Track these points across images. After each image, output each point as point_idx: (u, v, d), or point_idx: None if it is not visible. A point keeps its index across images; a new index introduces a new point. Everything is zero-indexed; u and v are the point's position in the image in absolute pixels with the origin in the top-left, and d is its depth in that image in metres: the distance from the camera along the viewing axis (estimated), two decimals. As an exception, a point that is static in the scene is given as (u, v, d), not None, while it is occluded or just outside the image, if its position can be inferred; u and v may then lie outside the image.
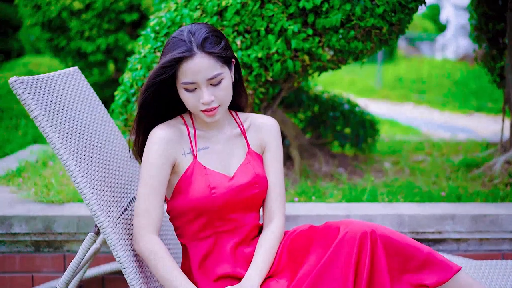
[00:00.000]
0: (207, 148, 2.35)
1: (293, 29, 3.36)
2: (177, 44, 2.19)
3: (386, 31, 3.44)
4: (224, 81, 2.22)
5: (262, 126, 2.45)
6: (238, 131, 2.42)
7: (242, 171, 2.34)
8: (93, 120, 2.71)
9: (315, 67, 3.59)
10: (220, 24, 3.44)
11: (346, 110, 4.71)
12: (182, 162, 2.31)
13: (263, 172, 2.39)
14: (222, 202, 2.27)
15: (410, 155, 4.99)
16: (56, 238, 3.21)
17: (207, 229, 2.32)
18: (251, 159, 2.38)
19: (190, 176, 2.28)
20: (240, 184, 2.30)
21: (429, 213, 3.20)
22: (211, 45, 2.18)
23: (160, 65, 2.19)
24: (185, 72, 2.18)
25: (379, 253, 2.03)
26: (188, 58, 2.16)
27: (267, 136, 2.43)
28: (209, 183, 2.26)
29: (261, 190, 2.35)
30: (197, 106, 2.23)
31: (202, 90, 2.20)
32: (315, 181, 4.10)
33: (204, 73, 2.17)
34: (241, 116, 2.47)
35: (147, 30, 3.71)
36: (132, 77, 3.60)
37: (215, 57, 2.18)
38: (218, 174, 2.30)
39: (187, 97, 2.23)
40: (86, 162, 2.41)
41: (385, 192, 3.73)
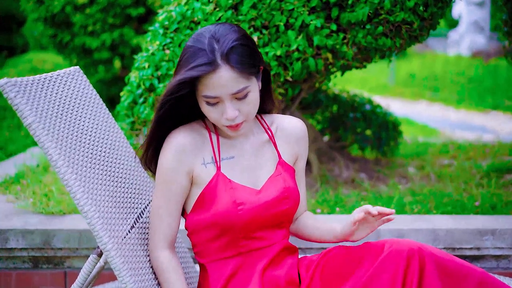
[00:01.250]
0: (232, 158, 2.07)
1: (316, 24, 3.06)
2: (196, 54, 1.89)
3: (417, 27, 3.15)
4: (250, 94, 1.93)
5: (292, 132, 2.15)
6: (266, 137, 2.13)
7: (271, 184, 2.06)
8: (96, 126, 2.43)
9: (338, 66, 3.30)
10: (235, 18, 3.15)
11: (368, 111, 4.41)
12: (201, 172, 2.04)
13: (294, 184, 2.10)
14: (248, 219, 2.00)
15: (435, 159, 4.69)
16: (56, 254, 2.93)
17: (231, 249, 2.06)
18: (282, 170, 2.10)
19: (214, 189, 2.02)
20: (269, 199, 2.03)
21: (466, 227, 2.91)
22: (239, 56, 1.88)
23: (176, 82, 1.90)
24: (206, 86, 1.89)
25: (430, 273, 1.84)
26: (211, 71, 1.87)
27: (299, 145, 2.16)
28: (235, 198, 1.99)
29: (291, 205, 2.07)
30: (220, 120, 1.96)
31: (225, 104, 1.91)
32: (335, 188, 3.81)
33: (229, 87, 1.88)
34: (267, 119, 2.17)
35: (155, 26, 3.43)
36: (139, 77, 3.31)
37: (241, 69, 1.88)
38: (245, 188, 2.03)
39: (209, 110, 1.96)
40: (87, 175, 2.13)
41: (413, 201, 3.44)
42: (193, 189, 2.06)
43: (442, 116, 10.46)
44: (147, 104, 3.28)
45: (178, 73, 1.93)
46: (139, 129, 3.36)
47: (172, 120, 2.06)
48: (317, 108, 4.41)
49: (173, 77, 1.95)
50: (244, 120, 1.95)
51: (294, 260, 2.11)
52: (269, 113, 2.20)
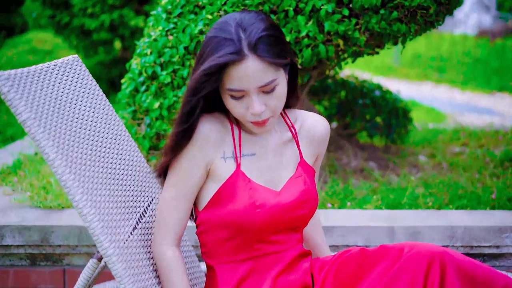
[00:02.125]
0: (253, 155, 1.93)
1: (327, 9, 2.90)
2: (222, 44, 1.73)
3: (433, 12, 2.98)
4: (278, 87, 1.77)
5: (316, 132, 2.01)
6: (289, 136, 1.98)
7: (291, 186, 1.92)
8: (96, 120, 2.29)
9: (350, 53, 3.14)
10: (241, 3, 2.99)
11: (377, 97, 4.25)
12: (220, 167, 1.90)
13: (314, 187, 1.97)
14: (266, 221, 1.86)
15: (446, 146, 4.55)
16: (55, 251, 2.80)
17: (243, 252, 1.92)
18: (302, 172, 1.95)
19: (233, 187, 1.88)
20: (288, 202, 1.89)
21: (485, 224, 2.78)
22: (267, 46, 1.72)
23: (201, 73, 1.74)
24: (231, 77, 1.74)
25: (451, 280, 1.73)
26: (237, 61, 1.71)
27: (321, 146, 2.03)
28: (254, 199, 1.85)
29: (310, 209, 1.94)
30: (245, 116, 1.81)
31: (251, 98, 1.76)
32: (344, 178, 3.67)
33: (256, 80, 1.73)
34: (290, 115, 2.01)
35: (158, 10, 3.27)
36: (141, 64, 3.16)
37: (270, 60, 1.72)
38: (264, 188, 1.89)
39: (233, 105, 1.80)
40: (86, 174, 2.00)
41: (426, 194, 3.30)
42: (209, 184, 1.92)
43: (448, 98, 10.28)
44: (149, 93, 3.13)
45: (199, 67, 1.77)
46: (141, 118, 3.21)
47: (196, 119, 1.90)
48: (325, 94, 4.26)
49: (193, 73, 1.80)
50: (271, 116, 1.81)
51: (307, 264, 1.99)
52: (291, 108, 2.05)
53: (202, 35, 3.05)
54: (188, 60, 3.07)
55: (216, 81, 1.75)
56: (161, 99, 3.11)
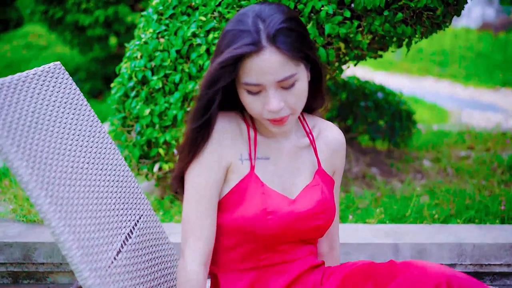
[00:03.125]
0: (267, 159, 1.78)
1: (327, 11, 2.73)
2: (239, 36, 1.60)
3: (441, 13, 2.80)
4: (298, 83, 1.62)
5: (333, 141, 1.87)
6: (306, 142, 1.83)
7: (306, 195, 1.77)
8: (79, 133, 2.13)
9: (352, 56, 2.96)
10: (237, 3, 2.82)
11: (380, 99, 4.07)
12: (236, 168, 1.75)
13: (332, 198, 1.81)
14: (277, 230, 1.71)
15: (451, 150, 4.38)
16: (38, 269, 2.64)
17: (249, 260, 1.78)
18: (320, 181, 1.80)
19: (244, 190, 1.73)
20: (302, 211, 1.73)
21: (495, 240, 2.61)
22: (286, 38, 1.58)
23: (217, 65, 1.60)
24: (248, 70, 1.59)
25: None
26: (253, 53, 1.57)
27: (338, 158, 1.88)
28: (266, 205, 1.70)
29: (326, 221, 1.78)
30: (262, 113, 1.65)
31: (269, 94, 1.61)
32: (346, 186, 3.51)
33: (274, 74, 1.58)
34: (309, 121, 1.87)
35: (149, 11, 3.09)
36: (131, 68, 2.99)
37: (289, 53, 1.57)
38: (278, 194, 1.73)
39: (250, 101, 1.65)
40: (65, 196, 1.84)
41: (431, 204, 3.13)
42: (221, 188, 1.77)
43: (450, 94, 10.10)
44: (140, 98, 2.96)
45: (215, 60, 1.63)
46: (131, 125, 3.04)
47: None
48: (325, 96, 4.08)
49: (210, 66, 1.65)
50: (290, 114, 1.65)
51: (317, 278, 1.83)
52: (315, 111, 1.89)
53: (195, 38, 2.87)
54: (180, 65, 2.90)
55: (231, 72, 1.61)
56: (152, 106, 2.94)
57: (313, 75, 1.76)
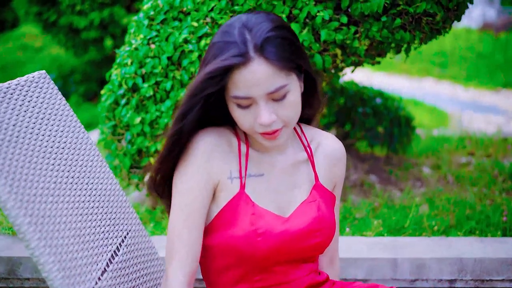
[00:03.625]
0: (261, 175, 1.70)
1: (323, 16, 2.64)
2: (225, 48, 1.53)
3: (440, 19, 2.71)
4: (290, 95, 1.55)
5: (332, 153, 1.79)
6: (304, 156, 1.75)
7: (301, 212, 1.69)
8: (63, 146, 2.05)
9: (349, 63, 2.87)
10: (230, 9, 2.73)
11: (379, 105, 3.98)
12: (225, 187, 1.68)
13: (331, 214, 1.73)
14: (269, 251, 1.64)
15: (451, 156, 4.29)
16: (23, 284, 2.55)
17: (243, 282, 1.71)
18: (317, 196, 1.72)
19: (234, 211, 1.66)
20: (297, 230, 1.66)
21: (497, 254, 2.52)
22: (275, 47, 1.50)
23: (203, 76, 1.53)
24: (237, 83, 1.52)
25: None
26: (241, 65, 1.50)
27: (339, 170, 1.81)
28: (256, 226, 1.62)
29: (324, 239, 1.70)
30: (253, 127, 1.58)
31: (259, 107, 1.54)
32: (343, 194, 3.42)
33: (263, 85, 1.51)
34: (307, 133, 1.79)
35: (140, 16, 3.00)
36: (121, 75, 2.90)
37: (279, 63, 1.50)
38: (270, 214, 1.66)
39: (240, 115, 1.58)
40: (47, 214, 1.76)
41: (431, 215, 3.05)
42: (211, 207, 1.70)
43: (450, 95, 10.01)
44: (130, 106, 2.87)
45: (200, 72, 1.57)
46: (121, 133, 2.95)
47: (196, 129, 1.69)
48: (323, 101, 3.99)
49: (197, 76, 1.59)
50: (284, 126, 1.58)
51: None
52: (311, 120, 1.83)
53: (186, 44, 2.78)
54: (171, 72, 2.81)
55: (218, 83, 1.53)
56: (142, 114, 2.85)
57: (306, 85, 1.68)
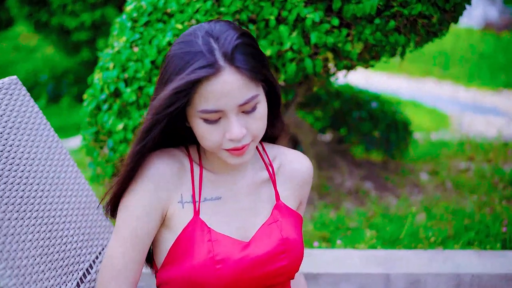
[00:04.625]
0: (218, 199, 1.59)
1: (313, 19, 2.51)
2: (191, 59, 1.40)
3: (437, 21, 2.58)
4: (259, 106, 1.45)
5: (298, 172, 1.67)
6: (265, 175, 1.63)
7: (263, 235, 1.57)
8: (34, 157, 1.94)
9: (341, 67, 2.74)
10: (216, 11, 2.60)
11: (375, 109, 3.85)
12: (177, 213, 1.56)
13: (297, 235, 1.60)
14: (230, 279, 1.52)
15: (450, 162, 4.16)
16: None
17: None
18: (279, 217, 1.60)
19: (190, 239, 1.53)
20: (258, 255, 1.53)
21: (496, 270, 2.39)
22: (245, 56, 1.40)
23: (171, 92, 1.40)
24: (205, 96, 1.39)
25: None
26: (211, 76, 1.38)
27: (303, 189, 1.69)
28: (213, 253, 1.50)
29: (291, 261, 1.57)
30: (221, 144, 1.45)
31: (230, 120, 1.42)
32: (337, 202, 3.29)
33: (235, 97, 1.40)
34: (269, 152, 1.68)
35: (123, 17, 2.87)
36: (103, 79, 2.76)
37: (250, 73, 1.40)
38: (228, 240, 1.54)
39: (207, 131, 1.45)
40: (10, 233, 1.66)
41: (428, 225, 2.92)
42: (166, 235, 1.58)
43: (451, 96, 9.85)
44: (112, 112, 2.74)
45: (164, 88, 1.43)
46: (103, 140, 2.82)
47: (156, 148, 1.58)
48: (316, 105, 3.86)
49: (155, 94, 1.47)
50: (252, 141, 1.46)
51: None
52: (275, 140, 1.72)
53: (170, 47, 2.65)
54: (155, 76, 2.68)
55: (184, 98, 1.40)
56: (125, 120, 2.72)
57: (269, 98, 1.56)
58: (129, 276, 1.55)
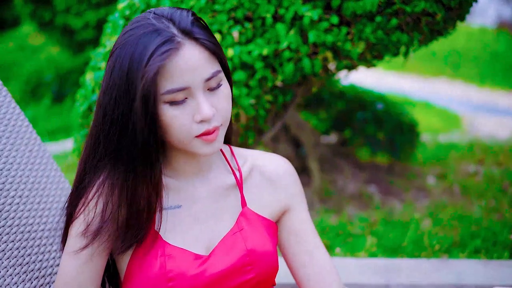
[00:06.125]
0: (177, 207, 1.44)
1: (312, 17, 2.40)
2: (147, 38, 1.29)
3: (441, 19, 2.46)
4: (223, 86, 1.35)
5: (273, 174, 1.53)
6: (231, 180, 1.49)
7: (226, 246, 1.42)
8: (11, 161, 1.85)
9: (341, 67, 2.63)
10: (211, 8, 2.49)
11: (380, 110, 3.73)
12: None
13: (267, 244, 1.45)
14: None
15: (458, 165, 4.04)
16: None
17: None
18: (245, 224, 1.45)
19: (144, 252, 1.39)
20: (218, 271, 1.39)
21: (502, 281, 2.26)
22: (203, 30, 1.32)
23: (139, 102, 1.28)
24: (169, 76, 1.28)
25: None
26: (172, 51, 1.27)
27: (285, 192, 1.53)
28: (165, 269, 1.36)
29: (259, 272, 1.42)
30: (191, 130, 1.31)
31: (198, 99, 1.30)
32: (339, 207, 3.18)
33: (200, 71, 1.30)
34: (238, 155, 1.55)
35: (115, 15, 2.77)
36: (95, 79, 2.67)
37: (211, 45, 1.31)
38: (185, 253, 1.39)
39: (175, 117, 1.31)
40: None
41: (432, 231, 2.80)
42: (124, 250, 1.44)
43: (463, 97, 9.69)
44: (104, 114, 2.64)
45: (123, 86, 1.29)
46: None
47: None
48: (319, 106, 3.75)
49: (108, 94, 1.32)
50: (221, 125, 1.34)
51: None
52: (227, 141, 1.57)
53: (163, 46, 2.56)
54: (148, 76, 2.58)
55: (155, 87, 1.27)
56: (117, 122, 2.62)
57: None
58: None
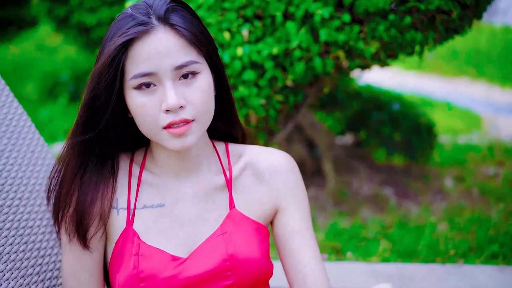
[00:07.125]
0: (160, 206, 1.39)
1: (323, 15, 2.34)
2: (122, 23, 1.27)
3: (457, 17, 2.38)
4: (200, 78, 1.28)
5: (266, 171, 1.44)
6: (221, 181, 1.42)
7: (206, 249, 1.35)
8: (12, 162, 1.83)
9: (353, 66, 2.56)
10: (220, 6, 2.44)
11: (396, 111, 3.65)
12: (113, 220, 1.40)
13: (252, 249, 1.37)
14: None
15: (477, 167, 3.94)
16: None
17: None
18: (231, 227, 1.38)
19: (121, 251, 1.37)
20: (194, 275, 1.32)
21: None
22: (181, 18, 1.28)
23: (101, 64, 1.26)
24: (137, 58, 1.25)
25: None
26: (143, 34, 1.24)
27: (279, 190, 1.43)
28: (138, 269, 1.32)
29: (240, 279, 1.34)
30: (158, 119, 1.26)
31: (165, 87, 1.25)
32: (353, 210, 3.11)
33: (169, 57, 1.26)
34: (234, 152, 1.47)
35: (124, 14, 2.73)
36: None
37: (187, 33, 1.26)
38: (161, 254, 1.34)
39: (142, 104, 1.27)
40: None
41: (448, 237, 2.72)
42: (107, 247, 1.42)
43: (485, 97, 9.55)
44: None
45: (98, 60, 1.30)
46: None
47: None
48: (334, 107, 3.67)
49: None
50: (193, 120, 1.27)
51: None
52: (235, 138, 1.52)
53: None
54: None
55: (117, 70, 1.26)
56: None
57: (218, 85, 1.39)
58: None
